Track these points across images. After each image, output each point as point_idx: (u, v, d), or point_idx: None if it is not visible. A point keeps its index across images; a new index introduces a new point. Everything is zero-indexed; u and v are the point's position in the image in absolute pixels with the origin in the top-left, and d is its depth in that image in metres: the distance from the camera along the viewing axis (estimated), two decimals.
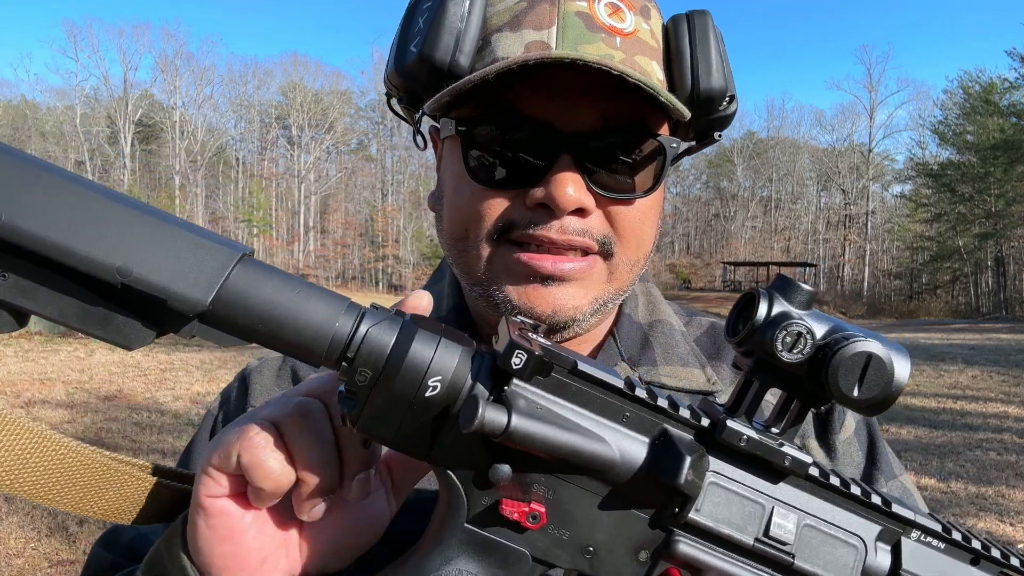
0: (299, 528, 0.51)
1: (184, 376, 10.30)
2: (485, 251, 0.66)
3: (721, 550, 0.46)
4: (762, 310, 0.43)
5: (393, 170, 66.79)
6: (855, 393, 0.42)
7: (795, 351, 0.43)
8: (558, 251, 0.64)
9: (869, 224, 58.71)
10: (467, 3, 0.64)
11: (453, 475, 0.45)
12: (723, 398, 0.74)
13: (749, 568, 0.46)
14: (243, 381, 0.82)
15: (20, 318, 0.40)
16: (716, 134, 0.73)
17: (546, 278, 0.64)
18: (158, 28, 72.84)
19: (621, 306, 0.81)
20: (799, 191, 69.24)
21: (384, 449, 0.51)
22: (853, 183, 61.95)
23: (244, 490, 0.47)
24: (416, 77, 0.65)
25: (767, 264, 53.25)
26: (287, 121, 63.28)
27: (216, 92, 62.99)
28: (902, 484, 0.79)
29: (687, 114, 0.64)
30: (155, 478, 0.54)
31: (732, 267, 54.71)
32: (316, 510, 0.47)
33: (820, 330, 0.43)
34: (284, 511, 0.49)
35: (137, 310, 0.40)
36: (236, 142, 67.06)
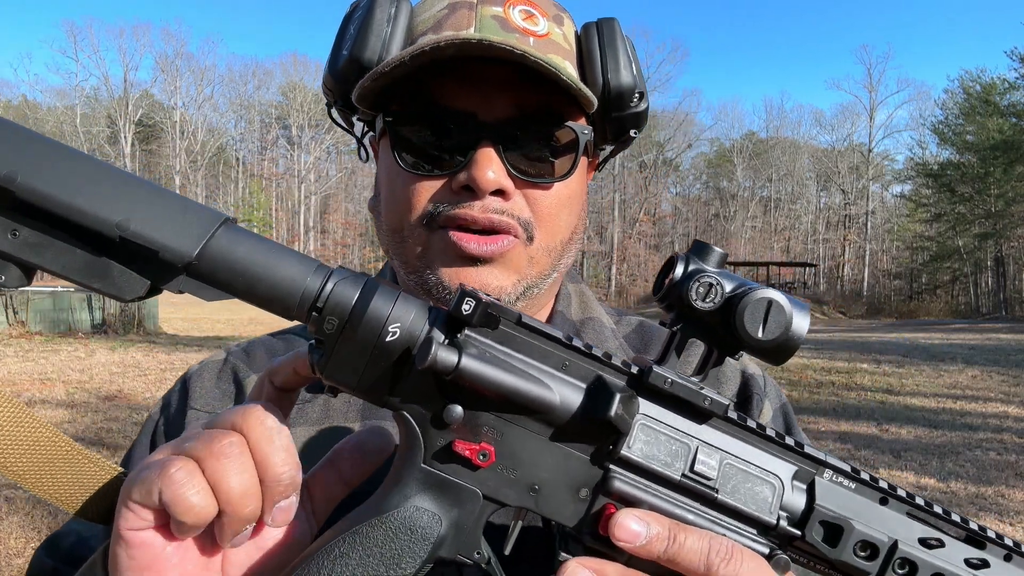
0: (223, 554, 0.51)
1: None
2: (419, 237, 0.71)
3: (652, 485, 0.50)
4: (679, 268, 0.50)
5: None
6: (760, 335, 0.48)
7: (708, 300, 0.48)
8: (483, 233, 0.69)
9: (869, 224, 58.68)
10: (393, 9, 0.70)
11: (410, 417, 0.48)
12: None
13: (677, 503, 0.50)
14: (184, 385, 0.83)
15: (28, 273, 0.45)
16: (632, 131, 0.78)
17: (474, 259, 0.69)
18: (158, 28, 72.84)
19: (555, 304, 0.85)
20: (799, 191, 69.18)
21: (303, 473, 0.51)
22: (853, 183, 61.92)
23: (166, 522, 0.47)
24: (348, 78, 0.71)
25: (767, 264, 53.20)
26: (287, 121, 63.24)
27: (216, 92, 62.97)
28: None
29: (593, 99, 0.68)
30: (113, 473, 0.55)
31: (732, 267, 54.66)
32: (239, 538, 0.48)
33: (729, 284, 0.49)
34: (206, 539, 0.50)
35: (132, 262, 0.45)
36: (236, 142, 67.03)
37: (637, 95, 0.74)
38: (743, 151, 67.29)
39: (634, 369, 0.51)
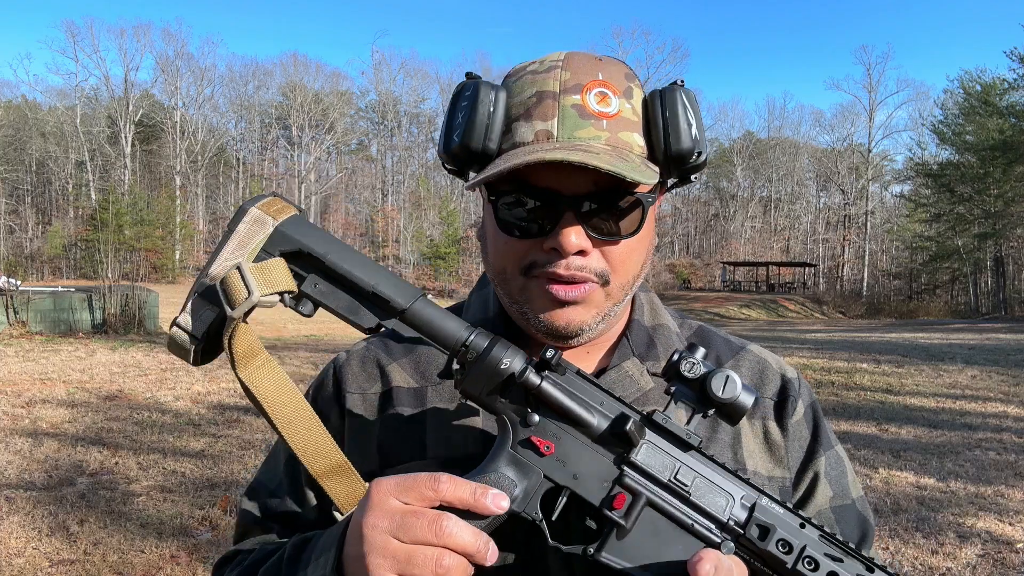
0: None
1: (185, 376, 10.30)
2: (519, 283, 0.89)
3: (649, 484, 0.74)
4: (675, 355, 0.76)
5: (393, 170, 66.68)
6: (720, 394, 0.73)
7: (691, 372, 0.74)
8: (568, 283, 0.87)
9: (868, 224, 58.64)
10: (491, 104, 0.86)
11: (507, 419, 0.75)
12: None
13: (665, 498, 0.73)
14: (336, 372, 1.02)
15: (316, 308, 0.76)
16: (693, 177, 0.94)
17: (562, 303, 0.87)
18: (159, 28, 72.83)
19: (632, 312, 1.02)
20: (798, 191, 69.13)
21: None
22: (852, 183, 61.88)
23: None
24: (459, 157, 0.89)
25: (766, 264, 53.07)
26: (287, 121, 63.20)
27: (216, 92, 62.94)
28: (837, 453, 1.01)
29: (653, 180, 0.83)
30: (341, 458, 0.78)
31: (732, 267, 54.51)
32: None
33: (705, 366, 0.75)
34: None
35: (372, 306, 0.76)
36: (236, 142, 66.98)
37: (696, 154, 0.88)
38: (743, 151, 67.22)
39: (644, 412, 0.76)
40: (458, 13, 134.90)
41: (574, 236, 0.83)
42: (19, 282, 20.06)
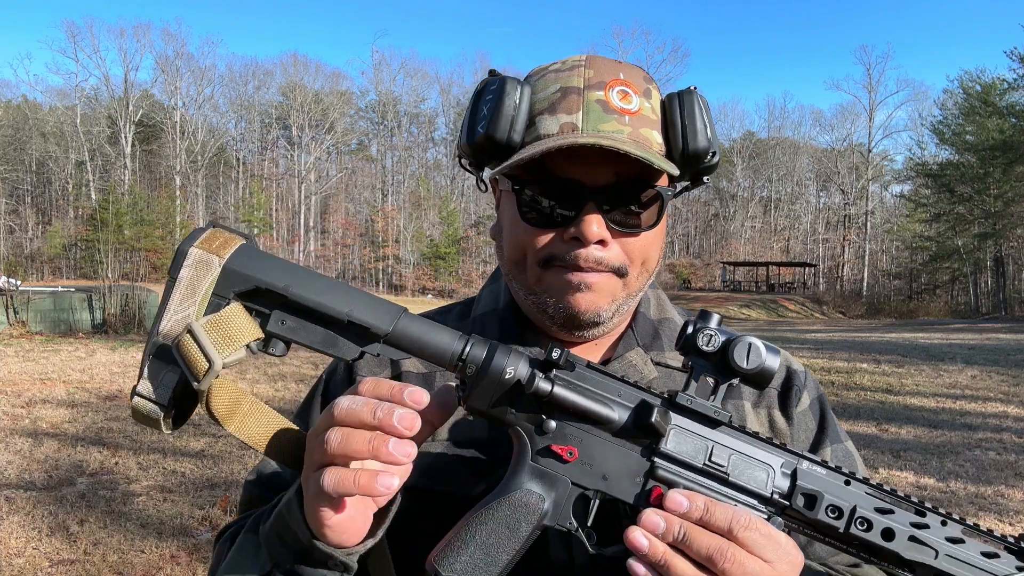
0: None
1: None
2: (536, 272, 0.90)
3: (684, 472, 0.70)
4: (690, 327, 0.71)
5: (393, 170, 66.66)
6: (744, 365, 0.68)
7: (709, 345, 0.70)
8: (586, 271, 0.88)
9: (868, 224, 58.63)
10: (517, 96, 0.88)
11: (522, 430, 0.70)
12: None
13: (701, 484, 0.70)
14: None
15: (288, 346, 0.69)
16: (705, 178, 0.96)
17: (578, 287, 0.88)
18: (159, 28, 72.74)
19: (637, 306, 1.03)
20: (798, 191, 69.14)
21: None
22: (852, 183, 61.87)
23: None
24: (483, 149, 0.90)
25: (766, 264, 53.09)
26: (287, 121, 63.16)
27: (216, 92, 62.90)
28: (846, 448, 1.01)
29: (675, 171, 0.86)
30: (297, 433, 0.74)
31: (732, 267, 54.55)
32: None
33: (723, 336, 0.70)
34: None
35: (351, 336, 0.68)
36: (236, 142, 66.95)
37: (711, 153, 0.90)
38: (743, 151, 67.23)
39: (666, 394, 0.72)
40: (458, 13, 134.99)
41: (595, 225, 0.85)
42: (19, 282, 20.05)
